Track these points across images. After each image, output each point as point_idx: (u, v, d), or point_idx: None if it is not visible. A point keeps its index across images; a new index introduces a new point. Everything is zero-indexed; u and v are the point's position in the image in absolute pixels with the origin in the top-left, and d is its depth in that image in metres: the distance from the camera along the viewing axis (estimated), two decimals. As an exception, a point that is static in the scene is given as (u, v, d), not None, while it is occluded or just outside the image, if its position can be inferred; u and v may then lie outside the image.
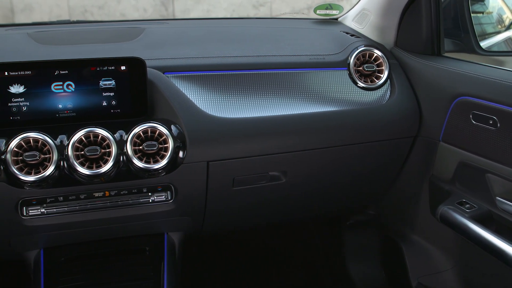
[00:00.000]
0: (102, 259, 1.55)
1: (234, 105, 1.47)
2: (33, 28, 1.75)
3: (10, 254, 1.54)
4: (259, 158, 1.47)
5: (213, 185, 1.47)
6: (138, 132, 1.33)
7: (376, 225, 2.01)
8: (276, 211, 1.73)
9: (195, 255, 2.11)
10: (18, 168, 1.27)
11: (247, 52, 1.59)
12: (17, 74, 1.30)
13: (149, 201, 1.44)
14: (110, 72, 1.35)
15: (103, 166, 1.30)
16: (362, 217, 2.01)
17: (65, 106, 1.34)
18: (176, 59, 1.51)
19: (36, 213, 1.37)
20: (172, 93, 1.40)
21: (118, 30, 1.75)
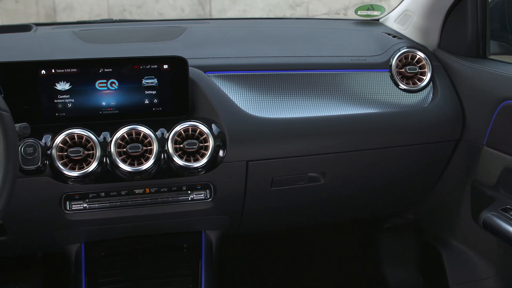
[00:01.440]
0: (140, 255, 1.57)
1: (274, 105, 1.47)
2: (78, 26, 1.79)
3: (53, 246, 1.57)
4: (298, 159, 1.47)
5: (252, 185, 1.47)
6: (179, 130, 1.34)
7: (414, 230, 1.98)
8: (313, 213, 1.72)
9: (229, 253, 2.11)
10: (63, 164, 1.29)
11: (288, 53, 1.58)
12: (63, 72, 1.33)
13: (188, 199, 1.45)
14: (152, 71, 1.37)
15: (144, 164, 1.31)
16: (400, 220, 1.98)
17: (109, 104, 1.37)
18: (217, 58, 1.52)
19: (79, 207, 1.40)
20: (213, 92, 1.41)
21: (160, 29, 1.77)
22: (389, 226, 2.02)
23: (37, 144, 1.28)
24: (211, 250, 1.58)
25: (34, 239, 1.54)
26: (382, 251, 2.05)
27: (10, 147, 1.08)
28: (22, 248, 1.65)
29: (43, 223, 1.45)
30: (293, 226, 1.96)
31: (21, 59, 1.37)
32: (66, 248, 1.57)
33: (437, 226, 1.85)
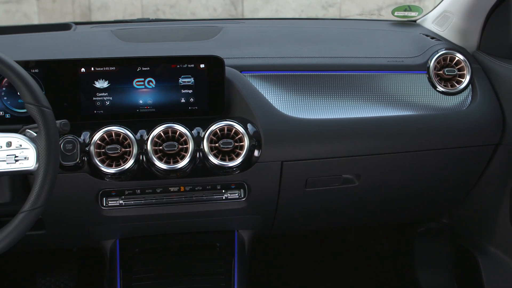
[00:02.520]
0: (174, 252, 1.58)
1: (310, 106, 1.46)
2: (115, 25, 1.81)
3: (89, 241, 1.60)
4: (333, 160, 1.46)
5: (286, 185, 1.47)
6: (215, 129, 1.35)
7: (449, 234, 1.94)
8: (347, 215, 1.71)
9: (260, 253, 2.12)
10: (100, 160, 1.31)
11: (324, 53, 1.58)
12: (102, 70, 1.36)
13: (222, 198, 1.45)
14: (189, 70, 1.38)
15: (180, 162, 1.32)
16: (434, 225, 1.95)
17: (146, 102, 1.38)
18: (254, 58, 1.52)
19: (115, 204, 1.42)
20: (249, 92, 1.42)
21: (196, 28, 1.79)
22: (423, 230, 1.99)
23: (76, 141, 1.30)
24: (243, 250, 1.58)
25: (71, 233, 1.57)
26: (415, 255, 2.02)
27: (51, 143, 1.11)
28: (59, 242, 1.68)
29: (80, 218, 1.47)
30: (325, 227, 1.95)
31: (61, 57, 1.40)
32: (101, 244, 1.59)
33: (474, 231, 1.82)
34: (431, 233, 1.98)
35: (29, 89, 1.10)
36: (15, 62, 1.12)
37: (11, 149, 1.12)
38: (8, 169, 1.12)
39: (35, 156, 1.11)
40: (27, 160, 1.12)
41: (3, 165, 1.12)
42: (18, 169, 1.12)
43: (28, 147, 1.12)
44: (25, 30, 1.71)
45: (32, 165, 1.11)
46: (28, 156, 1.12)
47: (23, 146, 1.12)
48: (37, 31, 1.71)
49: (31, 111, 1.11)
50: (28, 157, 1.12)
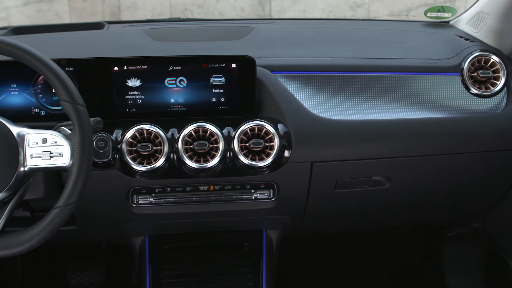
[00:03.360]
0: (202, 251, 1.59)
1: (341, 106, 1.45)
2: (147, 25, 1.83)
3: (118, 238, 1.62)
4: (363, 162, 1.45)
5: (315, 186, 1.46)
6: (245, 129, 1.35)
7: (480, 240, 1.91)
8: (375, 217, 1.69)
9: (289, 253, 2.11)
10: (132, 158, 1.33)
11: (356, 54, 1.56)
12: (135, 69, 1.37)
13: (251, 197, 1.45)
14: (220, 69, 1.39)
15: (210, 161, 1.33)
16: (465, 229, 1.92)
17: (177, 101, 1.39)
18: (285, 58, 1.52)
19: (145, 201, 1.43)
20: (279, 92, 1.41)
21: (227, 28, 1.79)
22: (453, 235, 1.96)
23: (108, 138, 1.32)
24: (271, 250, 1.58)
25: (101, 230, 1.59)
26: (444, 260, 1.99)
27: (85, 141, 1.12)
28: (89, 238, 1.70)
29: (110, 215, 1.49)
30: (354, 229, 1.94)
31: (94, 56, 1.42)
32: (130, 241, 1.61)
33: (506, 237, 1.78)
34: (462, 238, 1.95)
35: (65, 87, 1.12)
36: (51, 60, 1.14)
37: (46, 145, 1.14)
38: (43, 165, 1.14)
39: (69, 153, 1.13)
40: (62, 157, 1.13)
41: (38, 161, 1.14)
42: (53, 166, 1.14)
43: (63, 144, 1.14)
44: (60, 29, 1.74)
45: (67, 161, 1.13)
46: (63, 153, 1.13)
47: (58, 143, 1.14)
48: (71, 30, 1.73)
49: (66, 109, 1.12)
50: (62, 154, 1.13)
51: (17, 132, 1.14)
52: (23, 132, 1.14)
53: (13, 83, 1.36)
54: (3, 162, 1.10)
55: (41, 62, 1.12)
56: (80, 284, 2.14)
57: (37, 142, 1.14)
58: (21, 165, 1.12)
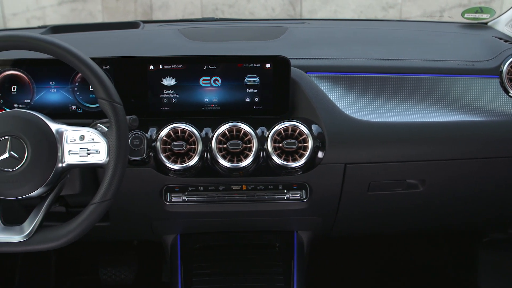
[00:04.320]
0: (233, 250, 1.59)
1: (375, 108, 1.44)
2: (182, 24, 1.85)
3: (151, 235, 1.64)
4: (398, 164, 1.43)
5: (348, 188, 1.45)
6: (279, 129, 1.35)
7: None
8: (409, 220, 1.67)
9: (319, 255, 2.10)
10: (166, 156, 1.34)
11: (391, 55, 1.55)
12: (170, 68, 1.38)
13: (284, 198, 1.45)
14: (255, 69, 1.39)
15: (243, 161, 1.33)
16: (501, 235, 1.88)
17: (211, 100, 1.40)
18: (319, 59, 1.51)
19: (178, 200, 1.44)
20: (314, 93, 1.41)
21: (261, 28, 1.79)
22: (488, 241, 1.92)
23: (143, 136, 1.33)
24: (302, 251, 1.57)
25: (134, 227, 1.61)
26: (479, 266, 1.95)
27: (121, 138, 1.14)
28: (122, 235, 1.73)
29: (143, 212, 1.51)
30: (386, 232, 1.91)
31: (130, 54, 1.43)
32: (162, 238, 1.62)
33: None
34: (497, 244, 1.91)
35: (103, 85, 1.14)
36: (90, 58, 1.16)
37: (83, 142, 1.16)
38: (80, 161, 1.16)
39: (106, 150, 1.15)
40: (99, 154, 1.15)
41: (76, 158, 1.16)
42: (89, 162, 1.16)
43: (100, 141, 1.15)
44: (96, 28, 1.77)
45: (103, 158, 1.15)
46: (100, 150, 1.15)
47: (95, 140, 1.15)
48: (107, 29, 1.76)
49: (104, 107, 1.14)
50: (99, 151, 1.15)
51: (56, 129, 1.16)
52: (61, 129, 1.16)
53: (52, 81, 1.39)
54: (42, 158, 1.13)
55: (80, 61, 1.13)
56: (112, 279, 2.17)
57: (75, 139, 1.16)
58: (59, 161, 1.14)
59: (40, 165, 1.13)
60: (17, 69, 1.38)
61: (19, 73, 1.38)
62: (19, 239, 1.12)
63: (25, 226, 1.14)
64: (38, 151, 1.12)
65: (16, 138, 1.13)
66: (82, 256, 2.24)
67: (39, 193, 1.15)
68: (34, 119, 1.15)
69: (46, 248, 1.13)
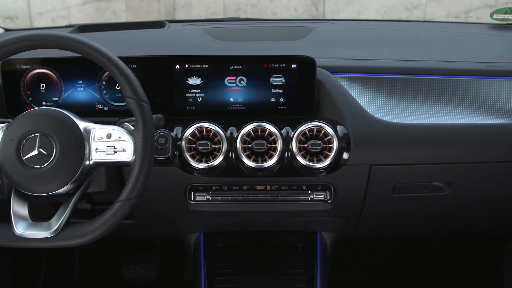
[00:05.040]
0: (256, 250, 1.59)
1: (402, 110, 1.42)
2: (207, 24, 1.86)
3: (174, 234, 1.65)
4: (424, 166, 1.41)
5: (373, 190, 1.44)
6: (304, 130, 1.34)
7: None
8: (434, 223, 1.65)
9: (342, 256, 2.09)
10: (191, 155, 1.34)
11: (418, 56, 1.53)
12: (196, 67, 1.39)
13: (307, 199, 1.45)
14: (280, 70, 1.38)
15: (268, 161, 1.33)
16: (527, 240, 1.85)
17: (236, 100, 1.40)
18: (345, 59, 1.50)
19: (202, 199, 1.45)
20: (339, 93, 1.40)
21: (287, 28, 1.79)
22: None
23: (168, 135, 1.34)
24: (326, 252, 1.57)
25: (158, 225, 1.62)
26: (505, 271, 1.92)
27: (148, 137, 1.14)
28: (145, 233, 1.74)
29: (167, 211, 1.52)
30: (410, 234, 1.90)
31: (156, 54, 1.44)
32: (185, 237, 1.63)
33: None
34: None
35: (130, 84, 1.14)
36: (117, 57, 1.17)
37: (110, 140, 1.17)
38: (107, 159, 1.17)
39: (132, 148, 1.15)
40: (125, 152, 1.16)
41: (103, 156, 1.17)
42: (116, 160, 1.17)
43: (127, 140, 1.16)
44: (122, 28, 1.78)
45: (130, 157, 1.16)
46: (126, 148, 1.16)
47: (121, 138, 1.16)
48: (133, 29, 1.78)
49: (130, 105, 1.15)
50: (126, 149, 1.16)
51: (83, 127, 1.17)
52: (89, 127, 1.18)
53: (79, 79, 1.41)
54: (70, 156, 1.14)
55: (108, 59, 1.14)
56: (134, 276, 2.19)
57: (102, 137, 1.17)
58: (86, 159, 1.16)
59: (68, 163, 1.14)
60: (46, 68, 1.40)
61: (47, 71, 1.40)
62: (47, 235, 1.14)
63: (53, 222, 1.16)
64: (66, 148, 1.14)
65: (45, 135, 1.14)
66: (105, 253, 2.27)
67: (67, 190, 1.17)
68: (63, 117, 1.17)
69: (73, 244, 1.15)
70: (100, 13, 5.93)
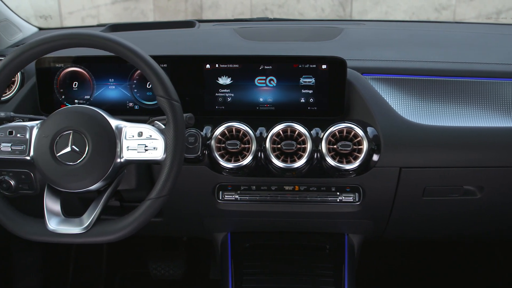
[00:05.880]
0: (284, 250, 1.59)
1: (433, 112, 1.40)
2: (236, 24, 1.86)
3: (201, 232, 1.66)
4: (455, 170, 1.39)
5: (403, 192, 1.42)
6: (334, 131, 1.34)
7: None
8: (464, 227, 1.63)
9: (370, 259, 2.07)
10: (220, 155, 1.35)
11: (450, 58, 1.51)
12: (226, 67, 1.39)
13: (336, 200, 1.44)
14: (311, 70, 1.38)
15: (297, 161, 1.33)
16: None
17: (266, 100, 1.40)
18: (376, 61, 1.49)
19: (230, 198, 1.45)
20: (370, 95, 1.39)
21: (317, 29, 1.78)
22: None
23: (198, 135, 1.34)
24: (353, 254, 1.56)
25: (186, 223, 1.63)
26: None
27: (179, 136, 1.15)
28: (173, 231, 1.75)
29: (195, 209, 1.52)
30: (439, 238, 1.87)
31: (186, 53, 1.45)
32: (213, 236, 1.64)
33: None
34: None
35: (162, 83, 1.15)
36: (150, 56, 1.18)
37: (141, 139, 1.17)
38: (138, 157, 1.18)
39: (163, 147, 1.16)
40: (156, 150, 1.16)
41: (134, 154, 1.18)
42: (147, 158, 1.18)
43: (157, 138, 1.17)
44: (153, 27, 1.80)
45: (160, 155, 1.16)
46: (157, 147, 1.16)
47: (153, 136, 1.17)
48: (164, 28, 1.79)
49: (162, 104, 1.15)
50: (157, 148, 1.16)
51: (115, 125, 1.18)
52: (120, 125, 1.19)
53: (111, 78, 1.42)
54: (102, 153, 1.15)
55: (141, 59, 1.15)
56: (161, 274, 2.21)
57: (133, 135, 1.18)
58: (117, 157, 1.17)
59: (100, 160, 1.15)
60: (79, 66, 1.42)
61: (80, 69, 1.42)
62: (79, 231, 1.16)
63: (84, 219, 1.17)
64: (98, 146, 1.15)
65: (78, 133, 1.16)
66: (132, 249, 2.29)
67: (98, 187, 1.18)
68: (96, 115, 1.18)
69: (104, 241, 1.16)
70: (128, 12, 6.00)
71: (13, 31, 1.77)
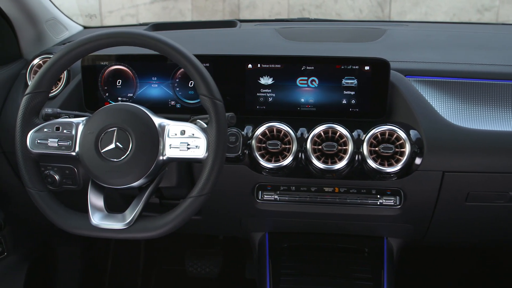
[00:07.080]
0: (321, 252, 1.58)
1: (478, 116, 1.37)
2: (277, 24, 1.86)
3: (239, 232, 1.66)
4: (500, 175, 1.36)
5: (445, 197, 1.39)
6: (375, 133, 1.32)
7: None
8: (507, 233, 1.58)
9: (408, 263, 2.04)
10: (260, 155, 1.35)
11: (497, 61, 1.47)
12: (268, 67, 1.39)
13: (377, 203, 1.42)
14: (353, 71, 1.37)
15: (338, 163, 1.31)
16: None
17: (307, 101, 1.40)
18: (419, 63, 1.47)
19: (270, 198, 1.45)
20: (413, 97, 1.37)
21: (359, 30, 1.77)
22: None
23: (239, 134, 1.35)
24: (392, 258, 1.53)
25: (224, 222, 1.64)
26: None
27: (221, 135, 1.15)
28: (211, 229, 1.76)
29: (235, 208, 1.53)
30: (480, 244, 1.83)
31: (228, 53, 1.45)
32: (250, 235, 1.64)
33: None
34: None
35: (205, 82, 1.16)
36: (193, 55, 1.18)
37: (184, 137, 1.18)
38: (180, 155, 1.19)
39: (205, 145, 1.16)
40: (198, 149, 1.17)
41: (176, 152, 1.19)
42: (189, 157, 1.18)
43: (200, 137, 1.17)
44: (195, 26, 1.81)
45: (202, 154, 1.17)
46: (199, 145, 1.17)
47: (195, 135, 1.18)
48: (206, 27, 1.80)
49: (205, 103, 1.16)
50: (199, 146, 1.17)
51: (158, 123, 1.19)
52: (163, 123, 1.20)
53: (154, 76, 1.44)
54: (145, 150, 1.17)
55: (185, 57, 1.16)
56: (197, 271, 2.23)
57: (176, 134, 1.19)
58: (160, 154, 1.18)
59: (143, 157, 1.17)
60: (123, 64, 1.45)
61: (124, 67, 1.45)
62: (121, 226, 1.17)
63: (127, 215, 1.19)
64: (142, 143, 1.16)
65: (122, 130, 1.17)
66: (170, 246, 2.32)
67: (140, 184, 1.20)
68: (139, 112, 1.19)
69: (145, 237, 1.17)
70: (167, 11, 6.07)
71: (60, 30, 1.81)
